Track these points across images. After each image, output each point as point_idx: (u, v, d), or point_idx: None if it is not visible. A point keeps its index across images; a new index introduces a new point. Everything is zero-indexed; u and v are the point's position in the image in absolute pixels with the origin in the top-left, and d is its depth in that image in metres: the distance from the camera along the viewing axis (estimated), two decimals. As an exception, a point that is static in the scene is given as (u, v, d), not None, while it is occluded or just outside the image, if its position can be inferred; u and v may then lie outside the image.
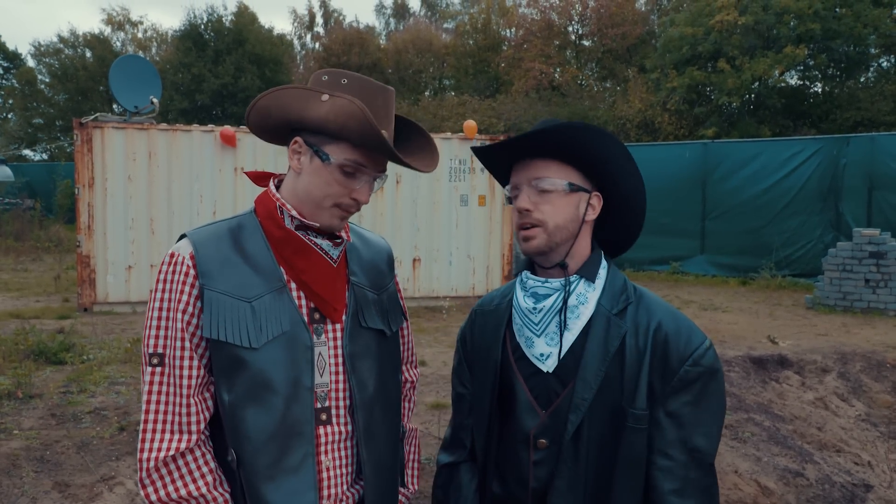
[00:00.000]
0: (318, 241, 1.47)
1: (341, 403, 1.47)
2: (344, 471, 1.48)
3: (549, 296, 1.49)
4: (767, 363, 6.30)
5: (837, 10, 18.17)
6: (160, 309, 1.42)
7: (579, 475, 1.45)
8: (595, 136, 1.45)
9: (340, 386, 1.48)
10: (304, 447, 1.41)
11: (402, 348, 1.72)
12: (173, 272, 1.42)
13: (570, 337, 1.48)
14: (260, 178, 1.55)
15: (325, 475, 1.45)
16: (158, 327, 1.41)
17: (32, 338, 6.07)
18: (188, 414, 1.38)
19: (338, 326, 1.49)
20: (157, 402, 1.38)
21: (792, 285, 11.59)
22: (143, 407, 1.39)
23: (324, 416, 1.45)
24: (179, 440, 1.37)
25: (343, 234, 1.53)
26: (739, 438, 4.70)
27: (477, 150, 1.57)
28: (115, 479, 3.77)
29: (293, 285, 1.45)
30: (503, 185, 1.61)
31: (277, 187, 1.52)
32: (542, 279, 1.52)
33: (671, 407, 1.45)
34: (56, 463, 3.93)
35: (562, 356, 1.48)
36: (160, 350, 1.39)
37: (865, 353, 6.70)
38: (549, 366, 1.49)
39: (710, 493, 1.46)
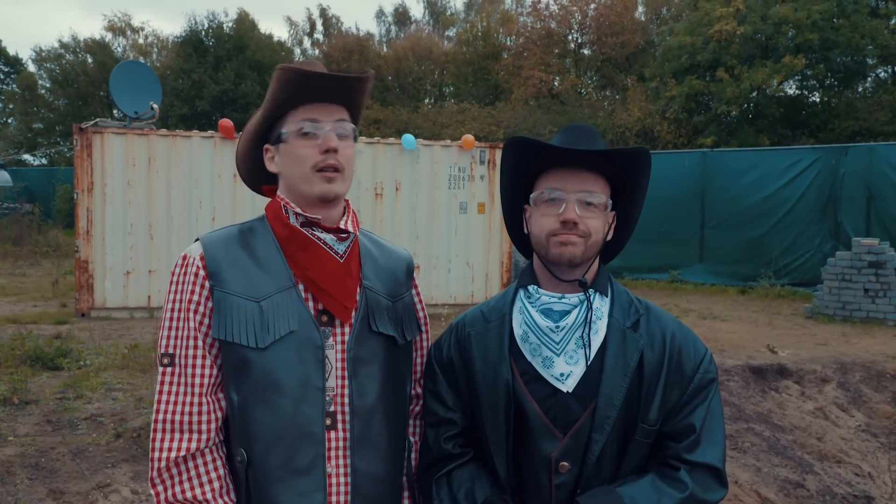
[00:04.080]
0: (322, 235, 1.47)
1: (346, 409, 1.45)
2: (348, 479, 1.46)
3: (569, 312, 1.45)
4: (767, 373, 6.28)
5: (835, 20, 18.25)
6: (172, 310, 1.44)
7: None
8: (646, 165, 1.48)
9: (345, 391, 1.46)
10: (314, 448, 1.40)
11: (420, 360, 1.68)
12: (184, 273, 1.45)
13: (590, 354, 1.45)
14: (273, 191, 1.60)
15: (327, 482, 1.43)
16: (170, 328, 1.43)
17: (29, 343, 6.04)
18: (199, 413, 1.39)
19: (346, 329, 1.47)
20: (168, 402, 1.40)
21: (791, 294, 11.58)
22: (155, 407, 1.41)
23: (328, 421, 1.44)
24: (190, 440, 1.38)
25: (350, 227, 1.51)
26: (739, 448, 4.67)
27: (522, 141, 1.48)
28: (111, 487, 3.74)
29: (301, 286, 1.46)
30: (509, 184, 1.56)
31: None
32: (558, 295, 1.47)
33: (690, 418, 1.46)
34: (51, 470, 3.90)
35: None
36: (171, 350, 1.41)
37: (865, 363, 6.68)
38: (569, 385, 1.44)
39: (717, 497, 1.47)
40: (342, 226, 1.49)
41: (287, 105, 1.46)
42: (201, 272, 1.42)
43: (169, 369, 1.41)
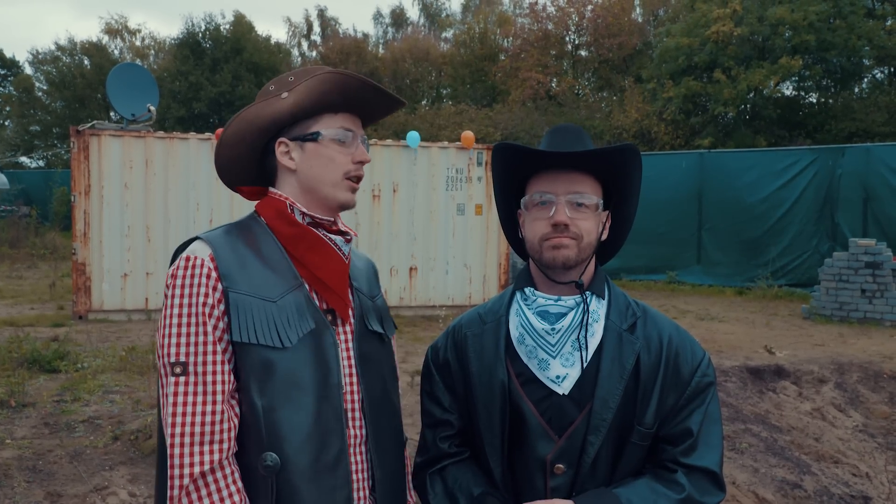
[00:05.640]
0: (332, 237, 1.48)
1: (356, 406, 1.47)
2: (362, 476, 1.47)
3: (565, 314, 1.45)
4: (764, 373, 6.29)
5: (832, 21, 18.30)
6: (181, 315, 1.36)
7: None
8: (636, 161, 1.47)
9: (354, 388, 1.47)
10: (337, 443, 1.41)
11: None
12: (192, 275, 1.37)
13: (585, 356, 1.45)
14: (254, 193, 1.56)
15: (351, 477, 1.44)
16: (179, 334, 1.35)
17: (26, 346, 6.04)
18: (221, 422, 1.33)
19: (348, 328, 1.49)
20: (184, 414, 1.33)
21: (788, 295, 11.60)
22: (169, 420, 1.33)
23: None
24: (212, 451, 1.33)
25: (349, 230, 1.54)
26: (737, 449, 4.68)
27: (507, 147, 1.48)
28: (109, 490, 3.74)
29: (306, 285, 1.45)
30: (501, 189, 1.57)
31: None
32: (554, 297, 1.47)
33: (687, 421, 1.46)
34: (48, 473, 3.89)
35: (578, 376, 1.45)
36: (182, 358, 1.34)
37: (862, 363, 6.69)
38: (565, 388, 1.44)
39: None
40: (343, 228, 1.52)
41: (330, 108, 1.46)
42: (213, 273, 1.37)
43: (182, 378, 1.33)
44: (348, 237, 1.51)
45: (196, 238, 1.45)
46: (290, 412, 1.36)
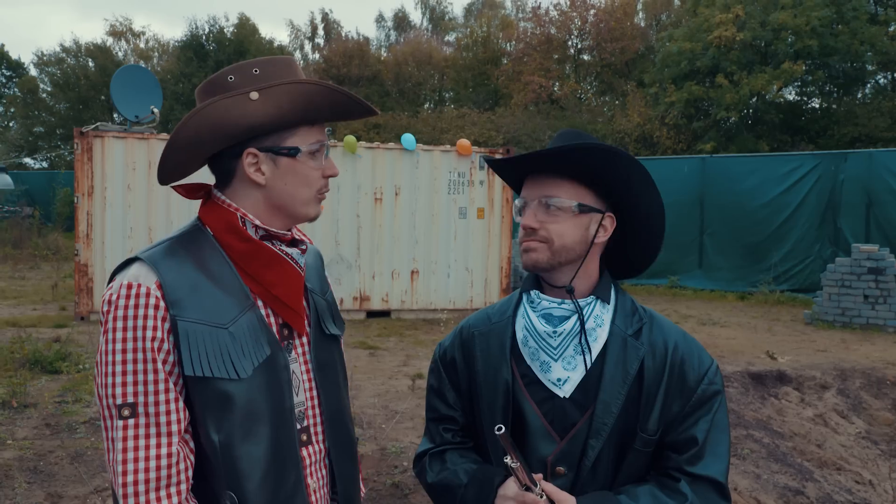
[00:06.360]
0: (288, 250, 1.38)
1: (318, 420, 1.42)
2: (324, 490, 1.44)
3: (567, 318, 1.46)
4: (766, 379, 6.28)
5: (835, 26, 18.32)
6: (125, 351, 1.22)
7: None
8: (609, 158, 1.42)
9: (315, 402, 1.42)
10: (294, 471, 1.34)
11: None
12: (136, 306, 1.23)
13: (588, 360, 1.46)
14: (193, 190, 1.43)
15: (313, 498, 1.39)
16: (125, 372, 1.22)
17: (28, 346, 6.04)
18: (177, 463, 1.23)
19: (304, 340, 1.42)
20: (136, 460, 1.21)
21: (790, 300, 11.58)
22: (120, 468, 1.21)
23: (304, 437, 1.39)
24: (169, 496, 1.22)
25: (304, 237, 1.47)
26: (739, 455, 4.67)
27: (490, 162, 1.55)
28: (109, 491, 3.74)
29: (259, 302, 1.35)
30: (518, 193, 1.59)
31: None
32: (558, 300, 1.48)
33: (692, 430, 1.45)
34: (49, 474, 3.89)
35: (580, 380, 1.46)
36: (130, 399, 1.22)
37: (865, 369, 6.68)
38: (566, 391, 1.45)
39: None
40: (297, 237, 1.44)
41: (310, 121, 1.35)
42: (161, 303, 1.24)
43: (132, 421, 1.21)
44: (304, 247, 1.43)
45: (136, 259, 1.30)
46: (249, 448, 1.28)
